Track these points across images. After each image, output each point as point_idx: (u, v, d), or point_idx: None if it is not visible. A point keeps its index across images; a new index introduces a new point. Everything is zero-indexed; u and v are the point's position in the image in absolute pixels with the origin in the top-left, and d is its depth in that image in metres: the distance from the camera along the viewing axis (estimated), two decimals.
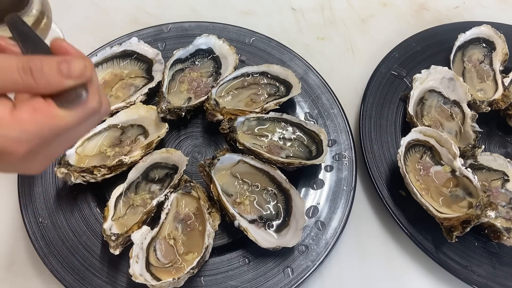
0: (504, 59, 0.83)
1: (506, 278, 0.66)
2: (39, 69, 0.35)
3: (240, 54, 0.82)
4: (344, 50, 0.91)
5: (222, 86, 0.77)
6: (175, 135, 0.76)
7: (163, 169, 0.70)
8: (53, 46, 0.39)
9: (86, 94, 0.38)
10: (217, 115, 0.73)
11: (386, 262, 0.70)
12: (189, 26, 0.85)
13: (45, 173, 0.70)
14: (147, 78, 0.79)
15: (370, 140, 0.75)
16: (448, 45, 0.85)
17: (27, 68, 0.35)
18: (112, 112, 0.73)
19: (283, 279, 0.64)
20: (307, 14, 0.95)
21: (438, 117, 0.78)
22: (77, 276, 0.62)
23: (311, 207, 0.70)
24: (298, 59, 0.83)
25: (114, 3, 0.93)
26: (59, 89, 0.37)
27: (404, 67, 0.83)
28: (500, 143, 0.80)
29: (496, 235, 0.66)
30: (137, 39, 0.79)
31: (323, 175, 0.73)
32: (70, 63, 0.36)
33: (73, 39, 0.86)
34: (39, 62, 0.36)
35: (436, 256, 0.66)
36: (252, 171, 0.70)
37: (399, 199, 0.70)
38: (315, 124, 0.75)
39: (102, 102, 0.40)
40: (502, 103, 0.78)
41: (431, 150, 0.73)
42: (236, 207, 0.67)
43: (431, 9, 0.98)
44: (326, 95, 0.79)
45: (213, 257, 0.65)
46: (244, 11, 0.94)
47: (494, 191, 0.72)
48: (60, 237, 0.65)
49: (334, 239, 0.67)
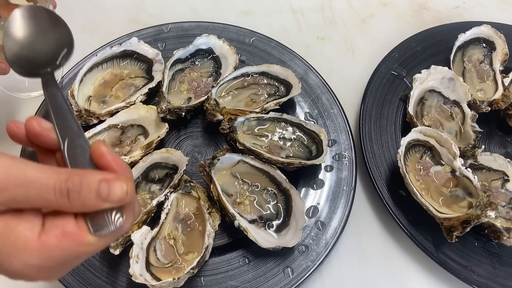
0: (504, 59, 0.83)
1: (506, 278, 0.66)
2: (77, 191, 0.34)
3: (240, 54, 0.82)
4: (344, 50, 0.91)
5: (222, 86, 0.77)
6: (175, 135, 0.76)
7: (163, 169, 0.70)
8: (93, 151, 0.37)
9: (122, 220, 0.35)
10: (217, 115, 0.73)
11: (386, 262, 0.70)
12: (189, 26, 0.85)
13: None
14: (147, 78, 0.79)
15: (370, 140, 0.75)
16: (448, 45, 0.85)
17: (64, 190, 0.34)
18: (112, 112, 0.73)
19: (283, 279, 0.64)
20: (307, 14, 0.95)
21: (438, 117, 0.78)
22: (77, 276, 0.62)
23: (311, 207, 0.70)
24: (298, 59, 0.83)
25: (114, 3, 0.93)
26: (94, 211, 0.35)
27: (404, 67, 0.83)
28: (500, 143, 0.80)
29: (496, 235, 0.66)
30: (137, 39, 0.79)
31: (323, 175, 0.73)
32: (111, 185, 0.34)
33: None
34: (78, 183, 0.34)
35: (436, 256, 0.66)
36: (252, 171, 0.70)
37: (399, 199, 0.70)
38: (315, 124, 0.75)
39: (135, 219, 0.37)
40: (502, 103, 0.78)
41: (431, 150, 0.73)
42: (236, 207, 0.67)
43: (431, 9, 0.98)
44: (326, 95, 0.79)
45: (213, 257, 0.65)
46: (244, 11, 0.94)
47: (494, 191, 0.72)
48: None
49: (334, 239, 0.67)
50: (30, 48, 0.44)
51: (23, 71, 0.43)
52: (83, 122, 0.71)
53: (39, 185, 0.33)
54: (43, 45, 0.45)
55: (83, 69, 0.75)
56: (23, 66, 0.43)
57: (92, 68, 0.77)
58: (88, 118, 0.71)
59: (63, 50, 0.45)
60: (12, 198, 0.33)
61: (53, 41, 0.45)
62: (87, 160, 0.37)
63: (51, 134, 0.38)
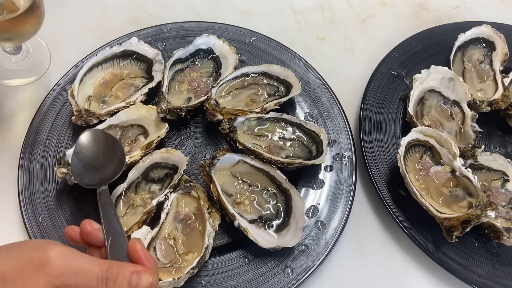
0: (504, 59, 0.83)
1: (506, 278, 0.66)
2: (113, 280, 0.42)
3: (240, 54, 0.82)
4: (344, 50, 0.91)
5: (222, 86, 0.77)
6: (175, 135, 0.76)
7: (163, 169, 0.70)
8: (130, 247, 0.47)
9: None
10: (217, 115, 0.73)
11: (386, 262, 0.70)
12: (189, 26, 0.85)
13: (45, 173, 0.70)
14: (147, 78, 0.79)
15: (370, 140, 0.75)
16: (448, 45, 0.85)
17: (104, 278, 0.42)
18: (112, 112, 0.73)
19: (283, 279, 0.64)
20: (307, 14, 0.95)
21: (438, 117, 0.78)
22: None
23: (311, 207, 0.70)
24: (298, 59, 0.83)
25: (114, 3, 0.93)
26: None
27: (404, 67, 0.83)
28: (500, 143, 0.80)
29: (496, 235, 0.66)
30: (137, 39, 0.79)
31: (323, 175, 0.73)
32: (140, 276, 0.43)
33: (73, 39, 0.87)
34: (115, 272, 0.43)
35: (436, 256, 0.66)
36: (252, 171, 0.70)
37: (399, 199, 0.70)
38: (315, 124, 0.75)
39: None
40: (502, 103, 0.78)
41: (431, 150, 0.73)
42: (236, 207, 0.67)
43: (431, 9, 0.98)
44: (326, 95, 0.79)
45: (213, 257, 0.65)
46: (244, 11, 0.94)
47: (494, 191, 0.72)
48: (60, 237, 0.65)
49: (334, 239, 0.67)
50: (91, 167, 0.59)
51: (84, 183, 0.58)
52: (83, 122, 0.71)
53: (87, 272, 0.42)
54: (102, 164, 0.59)
55: (83, 69, 0.75)
56: (85, 180, 0.58)
57: (92, 68, 0.77)
58: (88, 118, 0.71)
59: (117, 168, 0.60)
60: (66, 282, 0.42)
61: (110, 160, 0.60)
62: (125, 255, 0.47)
63: (99, 233, 0.49)
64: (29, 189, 0.68)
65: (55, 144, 0.72)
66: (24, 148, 0.71)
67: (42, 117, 0.74)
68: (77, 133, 0.71)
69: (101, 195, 0.55)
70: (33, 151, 0.71)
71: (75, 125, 0.73)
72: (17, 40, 0.74)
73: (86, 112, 0.71)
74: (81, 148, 0.59)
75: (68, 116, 0.74)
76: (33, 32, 0.72)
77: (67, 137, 0.73)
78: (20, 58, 0.81)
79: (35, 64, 0.82)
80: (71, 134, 0.73)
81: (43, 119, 0.74)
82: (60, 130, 0.73)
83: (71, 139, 0.73)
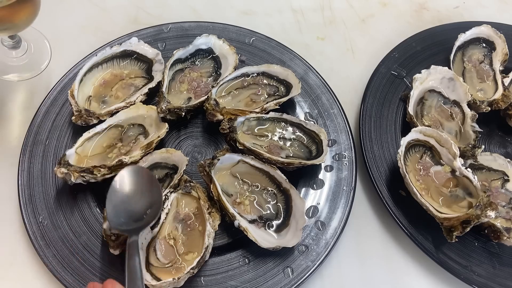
0: (504, 59, 0.83)
1: (506, 278, 0.66)
2: None
3: (240, 54, 0.82)
4: (344, 50, 0.91)
5: (222, 86, 0.77)
6: (175, 135, 0.76)
7: (163, 169, 0.70)
8: None
9: None
10: (217, 115, 0.73)
11: (386, 262, 0.70)
12: (189, 26, 0.85)
13: (45, 173, 0.70)
14: (147, 78, 0.79)
15: (370, 140, 0.75)
16: (448, 45, 0.85)
17: None
18: (112, 112, 0.73)
19: (283, 279, 0.64)
20: (307, 14, 0.95)
21: (438, 117, 0.78)
22: (77, 276, 0.62)
23: (311, 207, 0.70)
24: (298, 59, 0.83)
25: (114, 3, 0.93)
26: None
27: (404, 67, 0.83)
28: (500, 143, 0.80)
29: (496, 235, 0.66)
30: (137, 39, 0.79)
31: (323, 175, 0.73)
32: None
33: (73, 39, 0.87)
34: None
35: (436, 256, 0.66)
36: (252, 171, 0.70)
37: (399, 199, 0.70)
38: (315, 124, 0.75)
39: None
40: (502, 103, 0.78)
41: (431, 150, 0.73)
42: (236, 207, 0.67)
43: (431, 9, 0.98)
44: (326, 95, 0.79)
45: (213, 257, 0.65)
46: (244, 11, 0.94)
47: (494, 191, 0.72)
48: (60, 237, 0.65)
49: (334, 239, 0.67)
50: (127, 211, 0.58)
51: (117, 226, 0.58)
52: (83, 122, 0.71)
53: None
54: (138, 208, 0.59)
55: (83, 69, 0.75)
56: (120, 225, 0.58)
57: (92, 68, 0.77)
58: (88, 118, 0.71)
59: (153, 214, 0.59)
60: None
61: (147, 203, 0.60)
62: None
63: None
64: (29, 189, 0.68)
65: (55, 144, 0.72)
66: (24, 148, 0.71)
67: (42, 117, 0.74)
68: (77, 133, 0.71)
69: (130, 246, 0.55)
70: (33, 151, 0.71)
71: (75, 125, 0.73)
72: (13, 30, 0.73)
73: (86, 112, 0.71)
74: (120, 185, 0.59)
75: (68, 116, 0.74)
76: (29, 21, 0.71)
77: (67, 137, 0.73)
78: (20, 53, 0.81)
79: (35, 60, 0.83)
80: (71, 134, 0.73)
81: (43, 119, 0.74)
82: (60, 130, 0.73)
83: (71, 139, 0.73)
